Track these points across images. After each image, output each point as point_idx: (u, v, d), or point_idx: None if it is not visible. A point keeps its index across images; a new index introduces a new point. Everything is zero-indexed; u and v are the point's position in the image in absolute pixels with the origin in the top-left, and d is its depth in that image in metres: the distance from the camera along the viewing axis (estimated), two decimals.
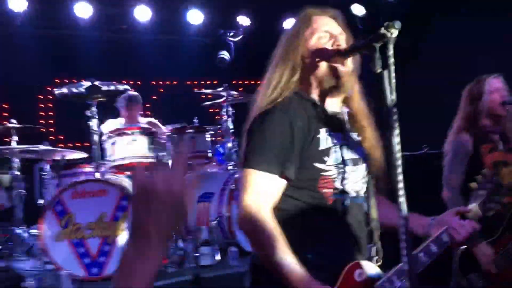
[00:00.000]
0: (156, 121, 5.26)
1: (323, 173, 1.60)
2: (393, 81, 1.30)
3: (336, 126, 1.68)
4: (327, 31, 1.70)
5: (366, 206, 1.70)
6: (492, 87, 3.01)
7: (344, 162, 1.63)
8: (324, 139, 1.63)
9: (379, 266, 1.63)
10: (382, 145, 1.68)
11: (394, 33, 1.31)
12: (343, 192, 1.63)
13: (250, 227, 1.56)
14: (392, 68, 1.30)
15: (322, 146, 1.61)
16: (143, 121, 5.16)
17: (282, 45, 1.76)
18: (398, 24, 1.30)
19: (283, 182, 1.59)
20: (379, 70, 1.32)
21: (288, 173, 1.58)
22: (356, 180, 1.67)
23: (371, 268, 1.56)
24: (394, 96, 1.30)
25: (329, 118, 1.68)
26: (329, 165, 1.60)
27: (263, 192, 1.56)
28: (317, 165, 1.60)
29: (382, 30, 1.31)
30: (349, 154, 1.65)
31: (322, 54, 1.67)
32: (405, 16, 5.81)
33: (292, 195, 1.62)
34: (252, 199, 1.55)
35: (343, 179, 1.62)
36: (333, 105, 1.72)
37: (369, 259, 1.64)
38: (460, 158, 2.94)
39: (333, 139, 1.64)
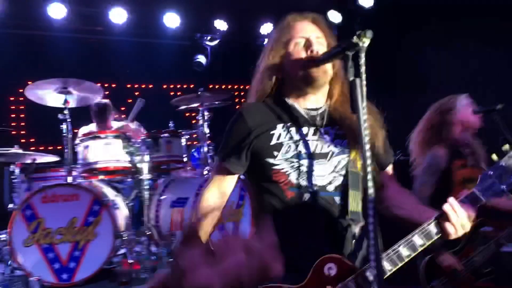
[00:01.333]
0: (130, 124, 5.20)
1: (273, 167, 1.69)
2: (365, 89, 1.32)
3: (302, 122, 1.74)
4: (303, 36, 1.76)
5: (340, 199, 1.69)
6: (463, 103, 3.13)
7: (298, 156, 1.68)
8: (278, 134, 1.72)
9: (364, 258, 1.62)
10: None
11: (366, 42, 1.33)
12: (299, 187, 1.67)
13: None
14: (364, 76, 1.31)
15: (274, 141, 1.72)
16: (118, 126, 5.10)
17: (264, 51, 1.87)
18: (370, 33, 1.32)
19: (228, 171, 1.80)
20: (351, 78, 1.34)
21: (229, 165, 1.78)
22: (322, 174, 1.69)
23: (342, 262, 1.54)
24: (365, 104, 1.32)
25: (295, 115, 1.75)
26: (279, 159, 1.69)
27: (214, 176, 1.85)
28: (268, 159, 1.70)
29: (355, 39, 1.33)
30: (311, 148, 1.70)
31: (297, 63, 1.74)
32: (382, 23, 5.92)
33: (258, 189, 1.77)
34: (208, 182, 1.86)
35: (299, 173, 1.68)
36: (311, 102, 1.78)
37: (349, 253, 1.63)
38: (433, 170, 3.02)
39: (291, 134, 1.71)
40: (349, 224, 1.67)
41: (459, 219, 1.54)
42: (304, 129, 1.73)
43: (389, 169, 1.87)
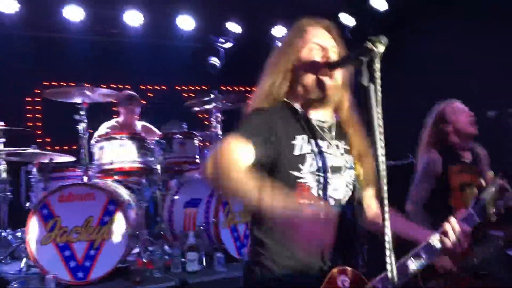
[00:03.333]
0: (149, 125, 5.28)
1: (298, 180, 1.61)
2: (379, 94, 1.33)
3: (317, 134, 1.70)
4: (318, 43, 1.72)
5: (350, 213, 1.69)
6: (458, 109, 3.14)
7: (320, 170, 1.63)
8: (300, 145, 1.64)
9: (364, 274, 1.63)
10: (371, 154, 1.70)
11: (380, 48, 1.33)
12: (319, 200, 1.62)
13: (209, 167, 1.50)
14: (378, 82, 1.32)
15: (297, 152, 1.63)
16: (138, 124, 5.18)
17: (275, 54, 1.80)
18: (384, 39, 1.33)
19: (250, 148, 1.56)
20: (365, 84, 1.35)
21: (256, 143, 1.56)
22: (337, 188, 1.67)
23: (355, 275, 1.56)
24: (380, 110, 1.33)
25: (309, 126, 1.70)
26: (304, 173, 1.62)
27: (234, 150, 1.54)
28: (292, 172, 1.61)
29: (369, 45, 1.34)
30: (328, 162, 1.67)
31: (311, 66, 1.69)
32: (395, 25, 5.91)
33: None
34: (217, 150, 1.54)
35: (321, 187, 1.63)
36: (319, 114, 1.74)
37: (355, 266, 1.62)
38: (428, 175, 3.04)
39: (310, 146, 1.66)
40: (359, 238, 1.69)
41: (457, 237, 1.61)
42: (320, 142, 1.69)
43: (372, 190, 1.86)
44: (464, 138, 3.11)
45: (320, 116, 1.75)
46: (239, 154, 1.53)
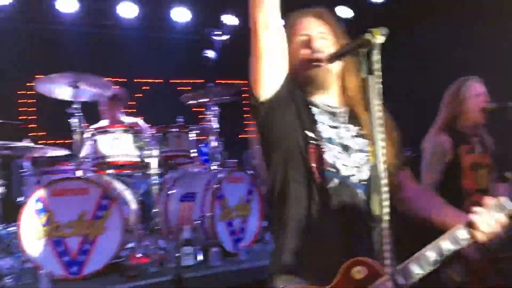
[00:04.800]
0: (140, 120, 5.22)
1: (311, 141, 1.63)
2: (379, 86, 1.30)
3: (328, 114, 1.73)
4: (304, 34, 1.74)
5: (363, 194, 1.66)
6: (473, 92, 3.08)
7: (329, 140, 1.65)
8: (316, 114, 1.69)
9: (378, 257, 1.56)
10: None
11: (380, 39, 1.31)
12: (331, 166, 1.62)
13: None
14: (378, 74, 1.30)
15: (313, 117, 1.68)
16: (127, 121, 5.12)
17: None
18: (384, 30, 1.31)
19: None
20: (364, 76, 1.33)
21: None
22: (347, 165, 1.66)
23: (371, 266, 1.49)
24: (379, 101, 1.30)
25: (318, 107, 1.73)
26: (318, 135, 1.64)
27: None
28: (308, 133, 1.64)
29: (368, 36, 1.31)
30: (339, 138, 1.68)
31: (300, 64, 1.73)
32: (392, 18, 5.87)
33: (285, 164, 1.65)
34: None
35: (333, 154, 1.64)
36: (326, 100, 1.76)
37: (369, 251, 1.57)
38: (438, 157, 2.99)
39: (323, 119, 1.70)
40: (371, 224, 1.63)
41: (488, 226, 1.51)
42: (331, 120, 1.72)
43: (406, 172, 1.85)
44: (473, 123, 3.06)
45: (328, 101, 1.76)
46: None
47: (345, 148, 1.68)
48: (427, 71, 5.71)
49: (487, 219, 1.51)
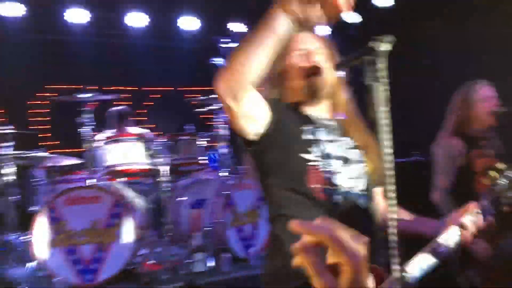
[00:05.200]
0: (147, 131, 5.25)
1: (309, 163, 1.61)
2: (384, 94, 1.32)
3: (321, 127, 1.72)
4: (303, 47, 1.77)
5: (365, 205, 1.68)
6: (483, 95, 3.07)
7: (330, 156, 1.65)
8: (309, 131, 1.68)
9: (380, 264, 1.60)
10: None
11: (383, 47, 1.33)
12: (332, 185, 1.62)
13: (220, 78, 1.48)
14: (383, 81, 1.32)
15: (305, 137, 1.66)
16: (135, 131, 5.15)
17: None
18: (389, 38, 1.32)
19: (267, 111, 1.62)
20: (369, 83, 1.35)
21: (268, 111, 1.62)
22: (349, 177, 1.67)
23: (375, 270, 1.49)
24: (385, 109, 1.32)
25: (313, 120, 1.73)
26: (314, 156, 1.62)
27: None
28: (303, 155, 1.62)
29: (372, 44, 1.33)
30: (336, 151, 1.68)
31: (299, 72, 1.74)
32: (398, 22, 5.88)
33: (284, 186, 1.63)
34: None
35: (332, 172, 1.63)
36: (318, 112, 1.77)
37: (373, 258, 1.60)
38: (451, 160, 2.97)
39: (319, 135, 1.68)
40: (374, 231, 1.67)
41: (475, 229, 1.62)
42: (326, 133, 1.71)
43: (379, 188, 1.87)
44: (483, 127, 3.07)
45: (321, 114, 1.77)
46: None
47: (345, 160, 1.69)
48: (435, 75, 5.70)
49: (475, 221, 1.61)
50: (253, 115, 1.58)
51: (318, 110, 1.78)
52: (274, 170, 1.65)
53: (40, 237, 3.40)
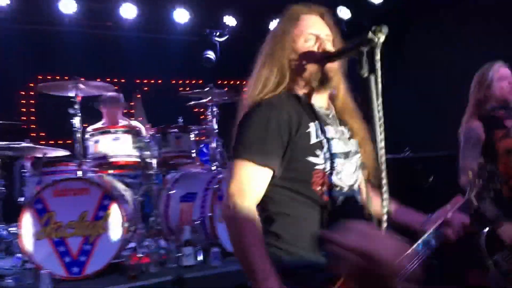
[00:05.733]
0: (138, 123, 5.22)
1: (316, 167, 1.60)
2: (380, 86, 1.31)
3: (325, 120, 1.70)
4: (313, 33, 1.71)
5: (360, 199, 1.71)
6: (499, 74, 3.04)
7: (334, 156, 1.64)
8: (314, 132, 1.64)
9: None
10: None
11: (381, 37, 1.32)
12: (336, 187, 1.63)
13: (231, 216, 1.53)
14: (379, 73, 1.31)
15: (313, 140, 1.63)
16: (125, 123, 5.11)
17: (269, 43, 1.77)
18: (385, 28, 1.31)
19: (269, 173, 1.59)
20: (366, 75, 1.33)
21: (273, 164, 1.58)
22: (349, 173, 1.68)
23: None
24: (380, 101, 1.31)
25: (317, 113, 1.70)
26: (322, 158, 1.61)
27: (248, 181, 1.55)
28: (310, 159, 1.60)
29: (370, 35, 1.32)
30: (339, 147, 1.67)
31: (309, 57, 1.69)
32: (390, 18, 5.89)
33: (288, 186, 1.62)
34: (237, 188, 1.54)
35: (336, 173, 1.63)
36: (320, 101, 1.75)
37: None
38: (472, 143, 2.93)
39: (323, 132, 1.66)
40: (371, 220, 1.68)
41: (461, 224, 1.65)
42: (329, 128, 1.69)
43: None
44: (504, 105, 3.02)
45: (322, 103, 1.75)
46: (258, 191, 1.57)
47: (346, 155, 1.69)
48: (425, 71, 5.72)
49: (459, 217, 1.63)
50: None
51: (322, 99, 1.75)
52: (280, 172, 1.62)
53: (28, 229, 3.35)
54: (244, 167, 1.56)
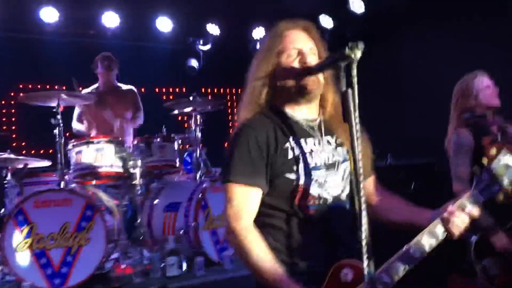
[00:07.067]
0: (134, 88, 5.23)
1: (296, 183, 1.65)
2: (356, 100, 1.34)
3: (307, 133, 1.74)
4: (296, 48, 1.75)
5: (349, 207, 1.73)
6: (484, 84, 3.11)
7: (315, 168, 1.67)
8: (292, 148, 1.68)
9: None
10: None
11: (358, 54, 1.34)
12: (319, 199, 1.67)
13: (232, 240, 1.65)
14: (356, 87, 1.34)
15: (290, 155, 1.67)
16: (124, 87, 5.13)
17: (255, 60, 1.83)
18: (361, 44, 1.34)
19: (259, 191, 1.68)
20: (343, 89, 1.36)
21: (261, 183, 1.67)
22: (336, 183, 1.71)
23: (358, 266, 1.50)
24: (357, 114, 1.34)
25: (299, 127, 1.74)
26: (300, 174, 1.65)
27: (241, 203, 1.65)
28: (288, 175, 1.66)
29: (347, 51, 1.34)
30: (321, 159, 1.70)
31: (289, 72, 1.73)
32: (372, 27, 5.96)
33: (272, 203, 1.70)
34: (232, 212, 1.65)
35: (318, 185, 1.67)
36: (306, 113, 1.78)
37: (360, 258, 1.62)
38: (464, 150, 2.97)
39: (302, 146, 1.70)
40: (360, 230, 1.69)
41: (462, 222, 1.57)
42: (310, 140, 1.73)
43: (372, 178, 1.91)
44: (490, 111, 3.07)
45: (307, 114, 1.78)
46: (251, 210, 1.67)
47: (331, 166, 1.72)
48: (406, 80, 5.80)
49: (460, 215, 1.57)
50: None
51: (306, 110, 1.78)
52: (266, 189, 1.70)
53: (8, 240, 3.31)
54: (235, 190, 1.66)
